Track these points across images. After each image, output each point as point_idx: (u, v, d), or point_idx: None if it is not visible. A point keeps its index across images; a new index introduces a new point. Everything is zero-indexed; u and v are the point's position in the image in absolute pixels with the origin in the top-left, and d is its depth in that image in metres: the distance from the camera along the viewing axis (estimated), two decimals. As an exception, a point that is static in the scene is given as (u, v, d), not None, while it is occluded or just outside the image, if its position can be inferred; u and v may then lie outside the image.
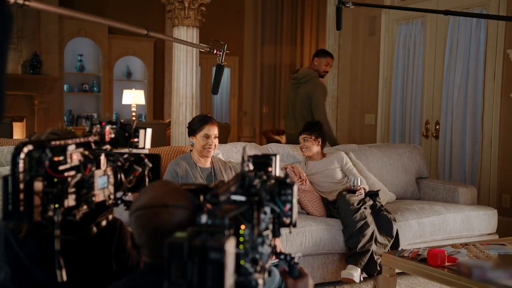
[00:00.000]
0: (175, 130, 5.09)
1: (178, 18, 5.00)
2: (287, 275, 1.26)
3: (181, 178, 2.99)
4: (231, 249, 0.82)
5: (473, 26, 4.98)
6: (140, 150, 1.43)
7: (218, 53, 2.51)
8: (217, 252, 0.78)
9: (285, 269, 1.29)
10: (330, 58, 4.87)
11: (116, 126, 1.40)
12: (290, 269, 1.27)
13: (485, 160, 4.85)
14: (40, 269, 1.32)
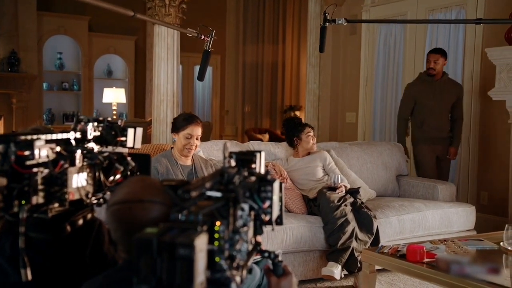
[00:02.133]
0: (156, 128, 5.06)
1: (158, 16, 4.98)
2: (271, 273, 1.25)
3: (162, 175, 2.97)
4: (202, 245, 0.81)
5: (451, 25, 5.04)
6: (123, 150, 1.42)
7: (206, 39, 2.49)
8: (186, 248, 0.77)
9: (269, 267, 1.28)
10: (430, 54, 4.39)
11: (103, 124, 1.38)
12: (274, 267, 1.26)
13: (464, 158, 4.91)
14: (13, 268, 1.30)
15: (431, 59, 4.32)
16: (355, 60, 6.14)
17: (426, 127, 4.44)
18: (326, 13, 2.57)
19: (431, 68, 4.31)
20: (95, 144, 1.35)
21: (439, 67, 4.31)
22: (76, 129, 1.31)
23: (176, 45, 5.03)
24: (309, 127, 3.86)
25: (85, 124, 1.33)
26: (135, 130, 1.44)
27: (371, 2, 5.87)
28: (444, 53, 4.35)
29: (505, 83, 4.14)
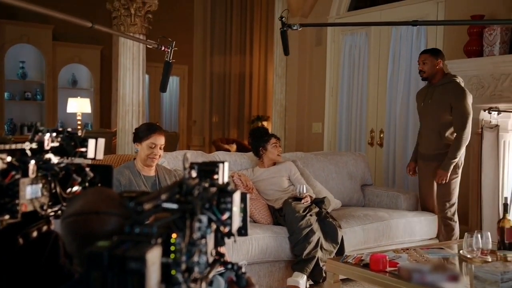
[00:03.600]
0: (121, 139, 5.00)
1: (124, 25, 4.94)
2: (234, 285, 1.24)
3: (124, 187, 2.92)
4: (154, 259, 0.80)
5: (413, 37, 5.16)
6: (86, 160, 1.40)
7: (166, 50, 2.48)
8: (137, 262, 0.76)
9: (232, 279, 1.27)
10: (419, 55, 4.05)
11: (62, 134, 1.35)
12: (237, 279, 1.25)
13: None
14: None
15: (419, 61, 3.94)
16: (321, 71, 6.22)
17: (420, 139, 4.07)
18: (282, 17, 2.60)
19: (420, 71, 3.93)
20: (54, 155, 1.32)
21: (428, 68, 3.84)
22: (34, 139, 1.29)
23: (142, 55, 5.00)
24: (274, 138, 3.87)
25: (43, 134, 1.31)
26: (96, 140, 1.42)
27: (336, 14, 5.97)
28: (434, 52, 3.92)
29: (464, 94, 4.24)
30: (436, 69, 3.83)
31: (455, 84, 3.76)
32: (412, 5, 5.19)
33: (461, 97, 3.71)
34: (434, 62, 3.83)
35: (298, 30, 2.67)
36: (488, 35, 4.15)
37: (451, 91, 3.74)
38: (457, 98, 3.71)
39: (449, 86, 3.76)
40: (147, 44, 2.58)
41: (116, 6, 5.14)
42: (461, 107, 3.70)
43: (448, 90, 3.75)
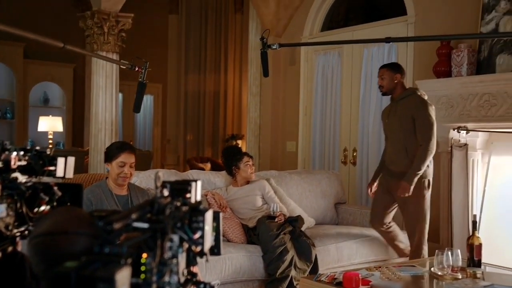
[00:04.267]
0: (93, 158, 4.93)
1: (97, 43, 4.91)
2: None
3: (95, 206, 2.88)
4: (124, 279, 0.79)
5: (384, 58, 5.26)
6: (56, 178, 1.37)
7: (140, 71, 2.47)
8: (106, 282, 0.75)
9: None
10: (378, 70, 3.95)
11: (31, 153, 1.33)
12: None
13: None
14: None
15: (378, 76, 3.82)
16: (294, 90, 6.28)
17: (386, 157, 3.87)
18: (263, 38, 2.60)
19: (379, 86, 3.80)
20: (22, 174, 1.30)
21: (386, 83, 3.71)
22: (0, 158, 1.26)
23: (115, 73, 4.98)
24: (247, 156, 3.88)
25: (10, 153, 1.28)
26: (66, 159, 1.40)
27: (309, 35, 6.06)
28: (392, 66, 3.81)
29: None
30: (395, 83, 3.71)
31: (416, 96, 3.65)
32: (383, 26, 5.31)
33: (422, 107, 3.58)
34: (392, 77, 3.71)
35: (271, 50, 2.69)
36: (456, 56, 4.26)
37: (413, 103, 3.62)
38: (418, 109, 3.59)
39: (410, 99, 3.64)
40: (120, 65, 2.58)
41: (89, 24, 5.12)
42: (423, 117, 3.56)
43: (410, 102, 3.63)
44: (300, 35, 6.12)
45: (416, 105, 3.60)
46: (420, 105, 3.59)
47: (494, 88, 3.97)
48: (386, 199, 3.75)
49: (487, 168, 4.22)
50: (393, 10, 5.32)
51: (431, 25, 4.83)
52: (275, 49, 2.59)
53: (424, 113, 3.56)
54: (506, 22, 4.15)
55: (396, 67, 3.77)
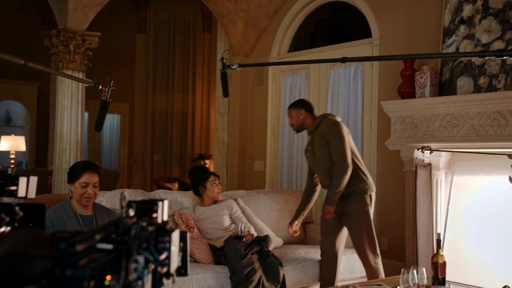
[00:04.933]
0: (57, 178, 4.83)
1: (62, 62, 4.85)
2: None
3: (57, 227, 2.81)
4: (87, 302, 0.77)
5: (351, 79, 5.36)
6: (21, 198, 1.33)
7: (104, 89, 2.44)
8: (68, 305, 0.73)
9: None
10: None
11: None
12: None
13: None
14: None
15: (288, 116, 3.85)
16: (262, 110, 6.32)
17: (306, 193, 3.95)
18: (223, 59, 2.61)
19: (290, 125, 3.85)
20: (-19, 195, 1.26)
21: (294, 120, 3.75)
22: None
23: (81, 92, 4.91)
24: (214, 176, 3.87)
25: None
26: (28, 178, 1.37)
27: (276, 55, 6.13)
28: (296, 104, 3.82)
29: (399, 134, 4.43)
30: (302, 119, 3.73)
31: (326, 120, 3.66)
32: (349, 48, 5.42)
33: (332, 129, 3.59)
34: (297, 113, 3.73)
35: (239, 70, 2.71)
36: (419, 78, 4.38)
37: (324, 128, 3.62)
38: (329, 131, 3.60)
39: (322, 126, 3.65)
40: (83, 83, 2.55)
41: (54, 42, 5.06)
42: (334, 136, 3.57)
43: (322, 129, 3.64)
44: (268, 55, 6.19)
45: (327, 128, 3.62)
46: (330, 127, 3.62)
47: (455, 109, 4.09)
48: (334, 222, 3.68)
49: (450, 187, 4.32)
50: (359, 33, 5.45)
51: (395, 47, 4.95)
52: (234, 69, 2.60)
53: (334, 133, 3.58)
54: (465, 46, 4.30)
55: (299, 104, 3.81)
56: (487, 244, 4.03)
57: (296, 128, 3.80)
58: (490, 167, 4.01)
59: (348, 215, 3.60)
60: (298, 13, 6.02)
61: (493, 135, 3.85)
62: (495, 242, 3.95)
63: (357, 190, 3.57)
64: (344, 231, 3.72)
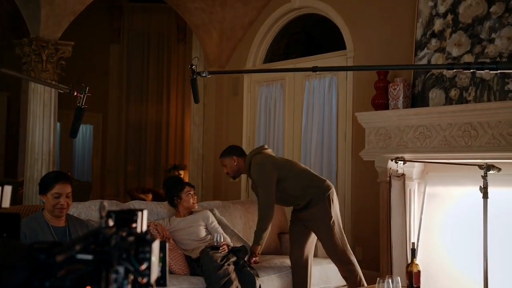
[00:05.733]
0: (28, 189, 4.73)
1: (34, 71, 4.77)
2: None
3: (30, 239, 2.75)
4: (68, 313, 0.76)
5: (325, 90, 5.42)
6: None
7: (79, 96, 2.42)
8: (49, 316, 0.72)
9: None
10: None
11: None
12: None
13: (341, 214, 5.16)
14: None
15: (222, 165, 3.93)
16: (237, 120, 6.32)
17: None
18: (192, 65, 2.62)
19: (227, 173, 3.92)
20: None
21: (229, 169, 3.83)
22: None
23: (53, 101, 4.84)
24: (188, 186, 3.85)
25: None
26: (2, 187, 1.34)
27: (252, 66, 6.16)
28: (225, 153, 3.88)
29: (373, 144, 4.49)
30: (236, 165, 3.80)
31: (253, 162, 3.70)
32: (323, 59, 5.49)
33: (256, 175, 3.66)
34: (231, 162, 3.80)
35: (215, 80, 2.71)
36: (392, 90, 4.45)
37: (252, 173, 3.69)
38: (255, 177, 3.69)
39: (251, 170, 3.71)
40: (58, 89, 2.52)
41: (26, 51, 4.98)
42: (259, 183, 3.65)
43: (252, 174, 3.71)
44: (243, 66, 6.21)
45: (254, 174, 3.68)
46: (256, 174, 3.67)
47: (428, 121, 4.17)
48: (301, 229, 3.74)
49: (423, 197, 4.39)
50: (333, 45, 5.52)
51: (369, 59, 5.04)
52: (204, 76, 2.61)
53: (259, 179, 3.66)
54: (437, 59, 4.40)
55: (230, 152, 3.86)
56: (460, 253, 4.10)
57: (232, 176, 3.87)
58: (461, 178, 4.09)
59: (313, 221, 3.66)
60: (273, 25, 6.08)
61: (464, 146, 3.94)
62: (467, 251, 4.02)
63: (314, 198, 3.62)
64: (312, 238, 3.76)
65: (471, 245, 3.95)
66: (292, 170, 3.73)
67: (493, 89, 4.02)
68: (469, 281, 3.82)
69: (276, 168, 3.65)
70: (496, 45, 4.06)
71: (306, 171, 3.80)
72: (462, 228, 4.11)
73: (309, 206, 3.62)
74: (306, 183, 3.67)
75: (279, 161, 3.85)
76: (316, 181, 3.71)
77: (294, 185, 3.65)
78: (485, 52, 4.11)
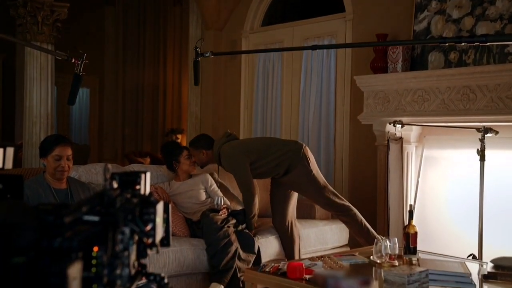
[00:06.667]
0: (27, 152, 4.74)
1: (30, 33, 4.71)
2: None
3: (32, 201, 2.78)
4: (75, 273, 0.78)
5: (324, 53, 5.38)
6: None
7: (77, 62, 2.41)
8: (57, 277, 0.73)
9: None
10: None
11: None
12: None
13: (338, 178, 5.22)
14: None
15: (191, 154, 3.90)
16: (235, 84, 6.29)
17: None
18: (197, 48, 2.61)
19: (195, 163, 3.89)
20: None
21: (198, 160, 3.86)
22: None
23: (50, 65, 4.79)
24: (186, 150, 3.87)
25: None
26: (4, 149, 1.34)
27: (249, 29, 6.08)
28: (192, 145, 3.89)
29: (371, 108, 4.49)
30: (204, 158, 3.83)
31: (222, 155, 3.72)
32: (322, 22, 5.42)
33: (229, 166, 3.72)
34: (199, 155, 3.82)
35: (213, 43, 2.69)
36: (391, 53, 4.42)
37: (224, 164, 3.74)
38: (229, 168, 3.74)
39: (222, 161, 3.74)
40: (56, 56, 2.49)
41: (21, 13, 4.90)
42: (234, 172, 3.72)
43: (224, 165, 3.76)
44: (241, 29, 6.13)
45: (227, 166, 3.73)
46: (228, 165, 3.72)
47: (426, 84, 4.16)
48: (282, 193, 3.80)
49: (420, 161, 4.42)
50: (332, 7, 5.44)
51: (368, 22, 4.98)
52: (207, 57, 2.61)
53: (232, 168, 3.70)
54: (437, 21, 4.35)
55: (196, 145, 3.85)
56: (455, 215, 4.16)
57: (202, 165, 3.92)
58: (459, 141, 4.11)
59: (296, 184, 3.71)
60: (271, -14, 5.97)
61: (462, 110, 3.94)
62: (462, 213, 4.08)
63: (292, 162, 3.65)
64: (293, 202, 3.84)
65: (467, 207, 4.01)
66: (261, 147, 3.73)
67: (493, 52, 4.00)
68: (464, 242, 3.89)
69: (246, 154, 3.66)
70: (497, 6, 4.02)
71: (274, 142, 3.82)
72: (458, 190, 4.16)
73: (288, 171, 3.66)
74: (279, 153, 3.68)
75: (246, 144, 3.82)
76: (287, 146, 3.73)
77: (269, 160, 3.67)
78: (485, 14, 4.07)
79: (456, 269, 2.67)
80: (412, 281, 2.40)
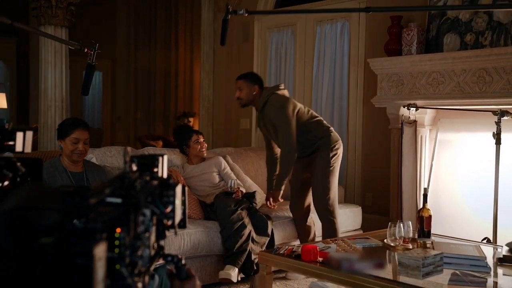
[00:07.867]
0: (43, 135, 4.79)
1: (44, 17, 4.72)
2: (174, 277, 1.24)
3: (48, 184, 2.81)
4: (101, 253, 0.79)
5: (337, 36, 5.33)
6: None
7: (89, 52, 2.42)
8: (84, 257, 0.75)
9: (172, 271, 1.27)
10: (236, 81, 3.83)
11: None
12: (177, 270, 1.25)
13: (351, 161, 5.21)
14: None
15: (236, 87, 3.68)
16: (248, 67, 6.26)
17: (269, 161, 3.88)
18: (228, 6, 2.54)
19: (238, 98, 3.66)
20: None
21: (245, 95, 3.61)
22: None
23: (64, 49, 4.81)
24: (196, 134, 3.87)
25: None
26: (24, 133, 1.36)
27: (263, 7, 6.02)
28: (249, 77, 3.66)
29: (385, 91, 4.46)
30: (253, 95, 3.59)
31: (271, 100, 3.53)
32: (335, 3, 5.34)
33: (276, 114, 3.50)
34: (250, 89, 3.59)
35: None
36: (406, 35, 4.37)
37: (270, 111, 3.53)
38: (274, 116, 3.52)
39: (267, 109, 3.55)
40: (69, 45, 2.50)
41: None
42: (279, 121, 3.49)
43: (269, 111, 3.54)
44: (254, 8, 6.06)
45: (273, 113, 3.53)
46: (275, 112, 3.52)
47: (441, 67, 4.11)
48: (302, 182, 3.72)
49: (434, 144, 4.39)
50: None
51: (382, 4, 4.91)
52: (241, 14, 2.51)
53: (279, 118, 3.50)
54: (453, 2, 4.29)
55: (254, 78, 3.65)
56: (470, 198, 4.15)
57: (244, 103, 3.65)
58: (474, 124, 4.08)
59: (313, 166, 3.63)
60: (284, -32, 5.90)
61: (478, 92, 3.90)
62: (477, 197, 4.07)
63: (321, 146, 3.61)
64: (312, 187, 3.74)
65: (481, 191, 3.99)
66: (304, 118, 3.66)
67: (510, 33, 3.94)
68: (478, 226, 3.88)
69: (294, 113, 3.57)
70: (515, -12, 3.95)
71: (317, 120, 3.76)
72: (473, 174, 4.14)
73: (317, 150, 3.63)
74: (315, 134, 3.65)
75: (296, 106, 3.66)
76: (324, 130, 3.70)
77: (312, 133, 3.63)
78: (503, -5, 4.00)
79: (470, 253, 2.67)
80: (427, 264, 2.41)
